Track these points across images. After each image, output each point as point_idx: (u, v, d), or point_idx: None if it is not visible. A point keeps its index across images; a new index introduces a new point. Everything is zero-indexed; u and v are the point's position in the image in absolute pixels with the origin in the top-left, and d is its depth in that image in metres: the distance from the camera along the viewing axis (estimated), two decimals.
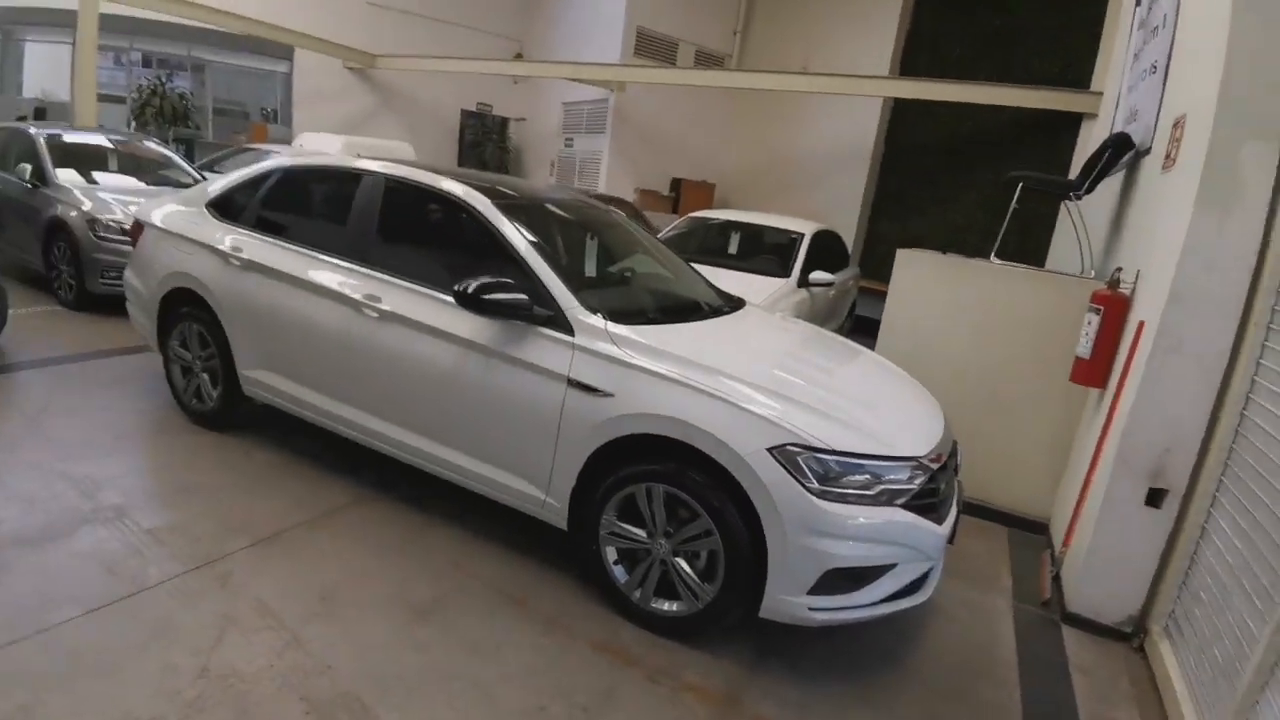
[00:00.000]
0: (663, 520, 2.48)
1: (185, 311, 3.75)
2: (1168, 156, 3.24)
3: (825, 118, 10.49)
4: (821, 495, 2.23)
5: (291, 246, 3.37)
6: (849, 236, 9.96)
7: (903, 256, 4.28)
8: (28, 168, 6.09)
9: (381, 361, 3.00)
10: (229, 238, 3.56)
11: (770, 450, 2.25)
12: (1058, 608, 3.14)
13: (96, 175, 6.55)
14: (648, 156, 11.81)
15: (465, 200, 2.97)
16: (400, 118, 13.58)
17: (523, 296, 2.61)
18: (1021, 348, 3.97)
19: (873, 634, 2.75)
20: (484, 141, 13.67)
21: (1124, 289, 3.35)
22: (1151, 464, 2.85)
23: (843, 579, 2.29)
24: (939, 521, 2.44)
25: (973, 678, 2.62)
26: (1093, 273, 4.34)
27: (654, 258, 3.82)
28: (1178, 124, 3.17)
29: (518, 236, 2.82)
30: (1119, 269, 3.42)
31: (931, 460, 2.47)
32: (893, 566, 2.34)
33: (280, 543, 2.87)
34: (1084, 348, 3.44)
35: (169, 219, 3.88)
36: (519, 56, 13.82)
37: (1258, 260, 2.61)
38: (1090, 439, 3.39)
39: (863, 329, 6.46)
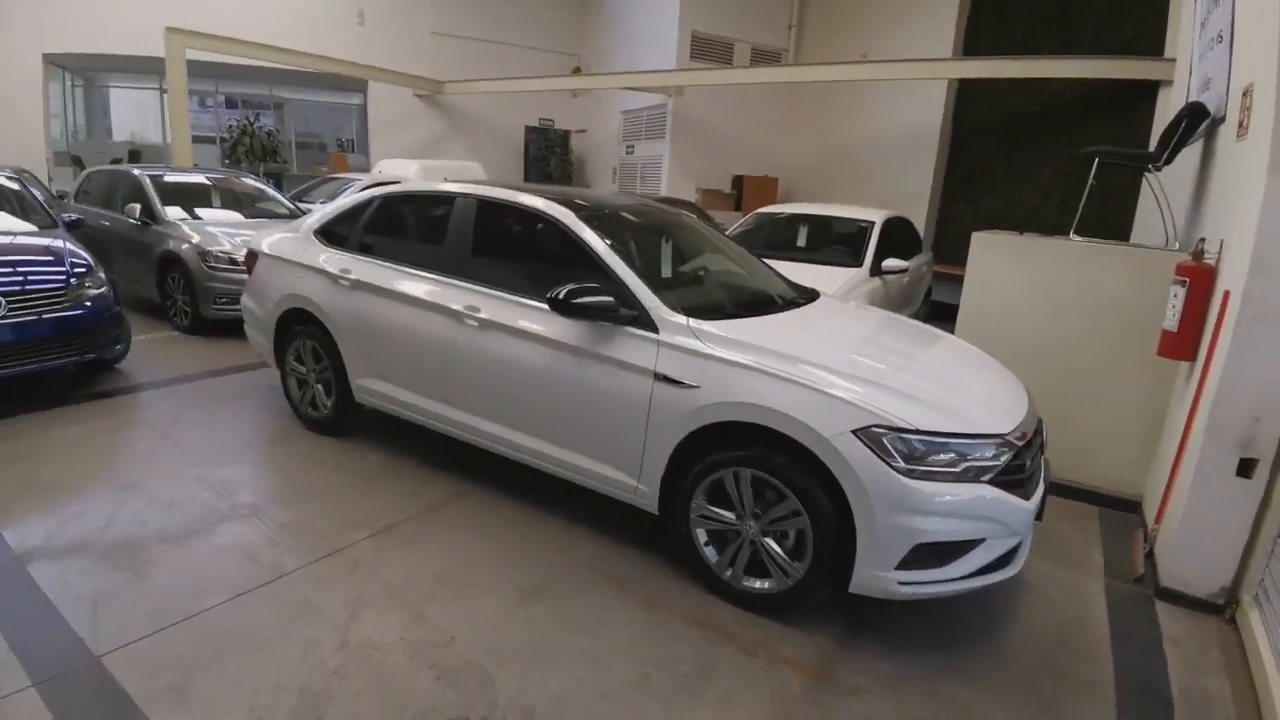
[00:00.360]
0: (750, 502, 2.62)
1: (299, 329, 4.13)
2: (1240, 125, 3.18)
3: (888, 105, 10.37)
4: (908, 474, 2.33)
5: (394, 266, 3.68)
6: (920, 222, 9.82)
7: (979, 239, 4.28)
8: (137, 206, 6.67)
9: (483, 365, 3.25)
10: (337, 260, 3.91)
11: (855, 432, 2.36)
12: (1151, 583, 3.11)
13: (200, 211, 7.14)
14: (708, 157, 11.92)
15: (550, 214, 3.20)
16: (468, 138, 14.17)
17: (609, 299, 2.81)
18: (1106, 324, 3.92)
19: (965, 611, 2.81)
20: (548, 155, 14.10)
21: (1209, 260, 3.29)
22: (1242, 434, 2.81)
23: (930, 554, 2.38)
24: (1026, 497, 2.49)
25: (1066, 653, 2.65)
26: (1176, 244, 4.23)
27: (725, 255, 3.97)
28: (1246, 93, 3.12)
29: (600, 244, 3.03)
30: (1202, 239, 3.36)
31: (1017, 438, 2.52)
32: (980, 541, 2.41)
33: (396, 533, 3.16)
34: (1171, 321, 3.39)
35: (281, 247, 4.27)
36: (577, 71, 14.20)
37: None
38: (1181, 413, 3.34)
39: (939, 314, 6.41)
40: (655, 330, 2.79)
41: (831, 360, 2.61)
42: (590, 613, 2.65)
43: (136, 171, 7.14)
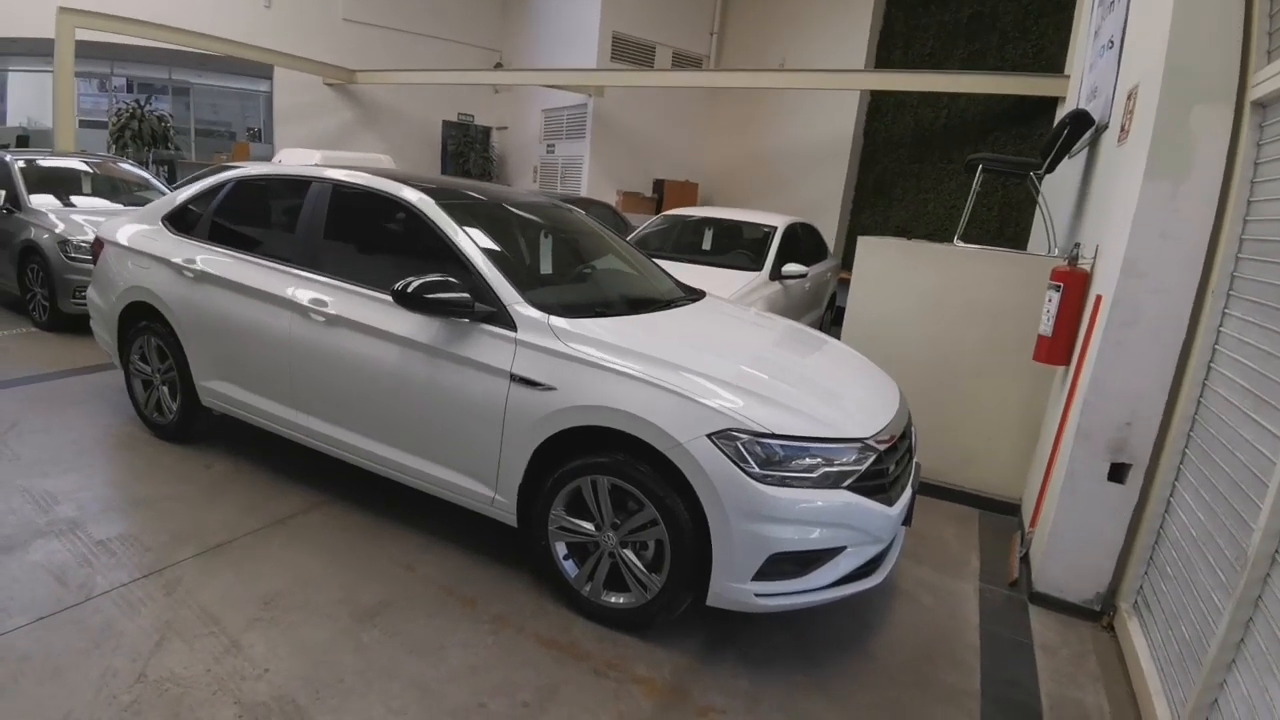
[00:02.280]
0: (609, 512, 2.44)
1: (143, 325, 3.74)
2: (1122, 129, 3.21)
3: (804, 115, 10.50)
4: (762, 479, 2.19)
5: (242, 256, 3.35)
6: (831, 230, 9.95)
7: (865, 244, 4.25)
8: (1, 193, 6.10)
9: (330, 366, 2.97)
10: (182, 250, 3.55)
11: (710, 436, 2.22)
12: (1025, 588, 3.09)
13: (74, 199, 6.60)
14: (629, 159, 11.82)
15: (408, 200, 2.95)
16: (382, 131, 13.60)
17: (463, 295, 2.58)
18: (987, 329, 3.94)
19: (832, 621, 2.71)
20: (467, 151, 13.69)
21: (1083, 265, 3.32)
22: (1113, 438, 2.81)
23: (789, 564, 2.25)
24: (890, 503, 2.39)
25: (933, 662, 2.57)
26: (1056, 251, 4.31)
27: (614, 254, 3.80)
28: (1131, 95, 3.14)
29: (459, 234, 2.80)
30: (1077, 245, 3.39)
31: (880, 441, 2.43)
32: (841, 549, 2.30)
33: (230, 550, 2.84)
34: (1046, 326, 3.40)
35: (125, 234, 3.87)
36: (498, 66, 13.86)
37: (1213, 227, 2.57)
38: (1056, 417, 3.35)
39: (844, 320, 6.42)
40: (514, 328, 2.58)
41: (694, 362, 2.46)
42: (431, 635, 2.41)
43: (7, 157, 6.54)
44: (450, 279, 2.59)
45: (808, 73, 9.31)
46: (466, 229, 2.84)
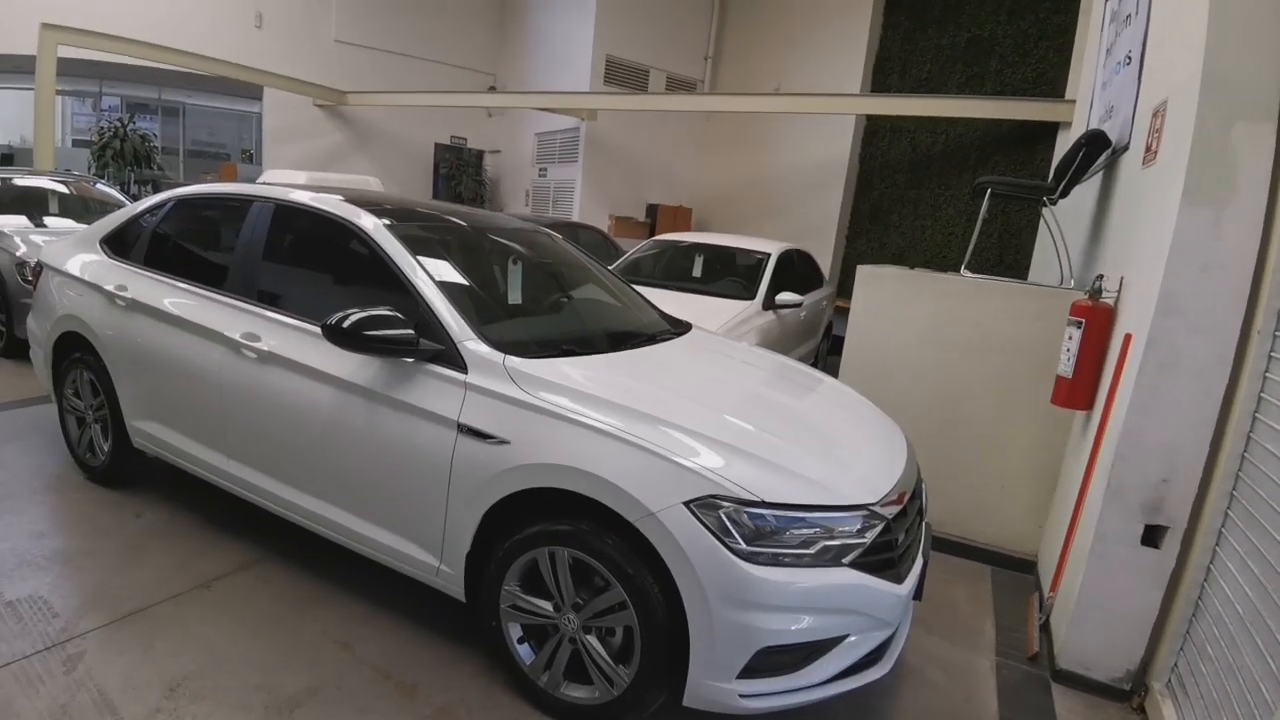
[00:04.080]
0: (570, 590, 2.08)
1: (76, 357, 3.40)
2: (1148, 150, 2.92)
3: (799, 140, 10.28)
4: (750, 558, 1.84)
5: (176, 283, 3.02)
6: (826, 257, 9.67)
7: (864, 273, 3.94)
8: None
9: (262, 409, 2.63)
10: (115, 276, 3.22)
11: (688, 504, 1.87)
12: (1047, 663, 2.74)
13: (45, 220, 6.35)
14: (622, 183, 11.58)
15: (352, 222, 2.62)
16: (374, 154, 13.37)
17: (406, 332, 2.23)
18: (998, 368, 3.61)
19: (832, 712, 2.33)
20: (459, 175, 13.46)
21: (1107, 299, 3.00)
22: (1147, 497, 2.47)
23: (781, 658, 1.90)
24: (899, 579, 2.04)
25: None
26: (1072, 282, 4.00)
27: (594, 282, 3.47)
28: (1157, 113, 2.85)
29: (407, 259, 2.46)
30: (1100, 276, 3.07)
31: (888, 505, 2.08)
32: (843, 638, 1.95)
33: (143, 620, 2.48)
34: (1065, 366, 3.08)
35: (63, 258, 3.54)
36: (492, 89, 13.68)
37: (1258, 258, 2.26)
38: (1078, 468, 3.01)
39: (840, 349, 6.11)
40: (464, 369, 2.24)
41: (672, 411, 2.11)
42: None
43: None
44: (392, 313, 2.25)
45: (803, 97, 9.08)
46: (417, 254, 2.50)
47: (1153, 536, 2.49)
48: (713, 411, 2.23)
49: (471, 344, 2.27)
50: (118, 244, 3.41)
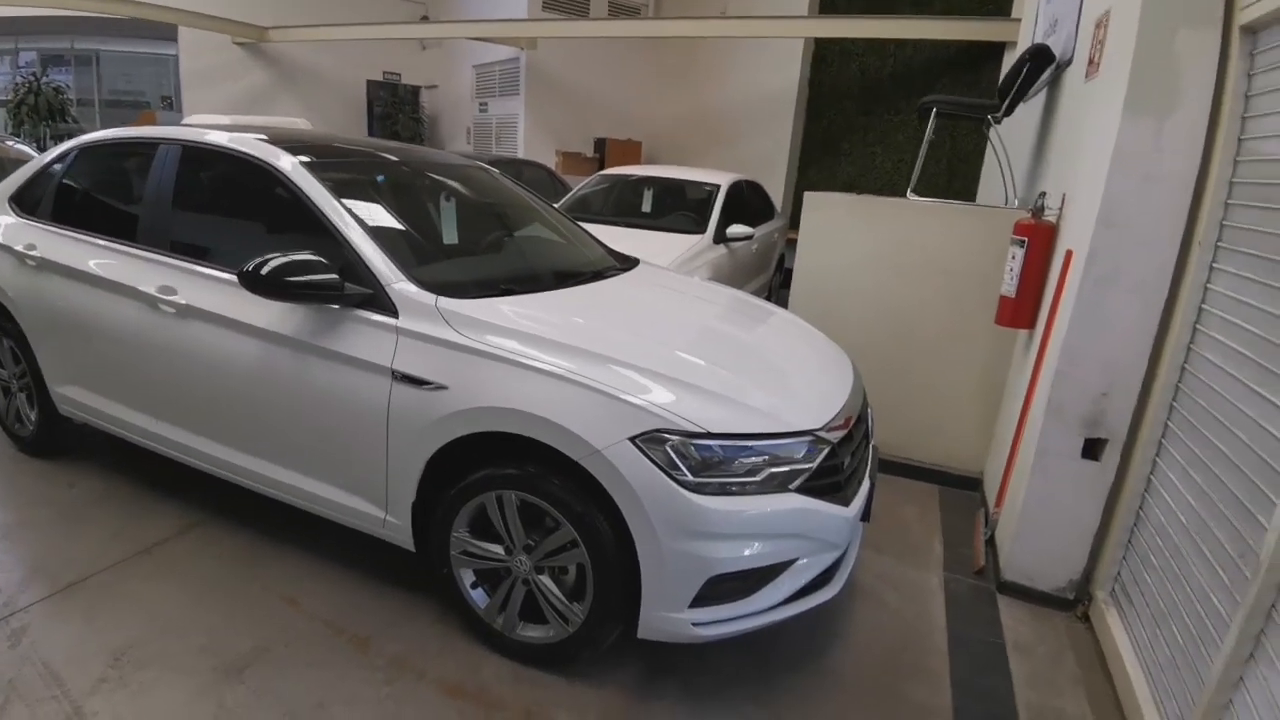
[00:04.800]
0: (520, 533, 2.05)
1: None
2: (1091, 62, 2.87)
3: (748, 67, 10.00)
4: (697, 489, 1.82)
5: (86, 238, 2.81)
6: (778, 187, 9.57)
7: (811, 199, 3.88)
8: None
9: (185, 365, 2.48)
10: (24, 235, 2.99)
11: (634, 439, 1.83)
12: (992, 576, 2.84)
13: None
14: (568, 117, 11.18)
15: (266, 161, 2.44)
16: (302, 94, 12.60)
17: (330, 277, 2.11)
18: (944, 290, 3.62)
19: (786, 633, 2.38)
20: (395, 112, 12.83)
21: (1049, 216, 3.01)
22: (1088, 411, 2.53)
23: (731, 584, 1.90)
24: (845, 502, 2.05)
25: (900, 674, 2.27)
26: (1016, 202, 4.01)
27: (537, 220, 3.34)
28: (1100, 23, 2.80)
29: (327, 199, 2.31)
30: (1043, 194, 3.07)
31: (833, 429, 2.08)
32: (793, 562, 1.96)
33: (84, 590, 2.38)
34: (1009, 285, 3.10)
35: None
36: (424, 20, 12.94)
37: (1200, 168, 2.25)
38: (1021, 386, 3.07)
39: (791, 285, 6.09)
40: (395, 314, 2.14)
41: (614, 347, 2.05)
42: (311, 689, 2.01)
43: None
44: (312, 256, 2.11)
45: (750, 20, 8.79)
46: (340, 194, 2.35)
47: (1093, 449, 2.55)
48: (655, 345, 2.17)
49: (401, 286, 2.15)
50: (25, 201, 3.14)
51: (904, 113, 8.78)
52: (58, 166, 3.10)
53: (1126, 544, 2.49)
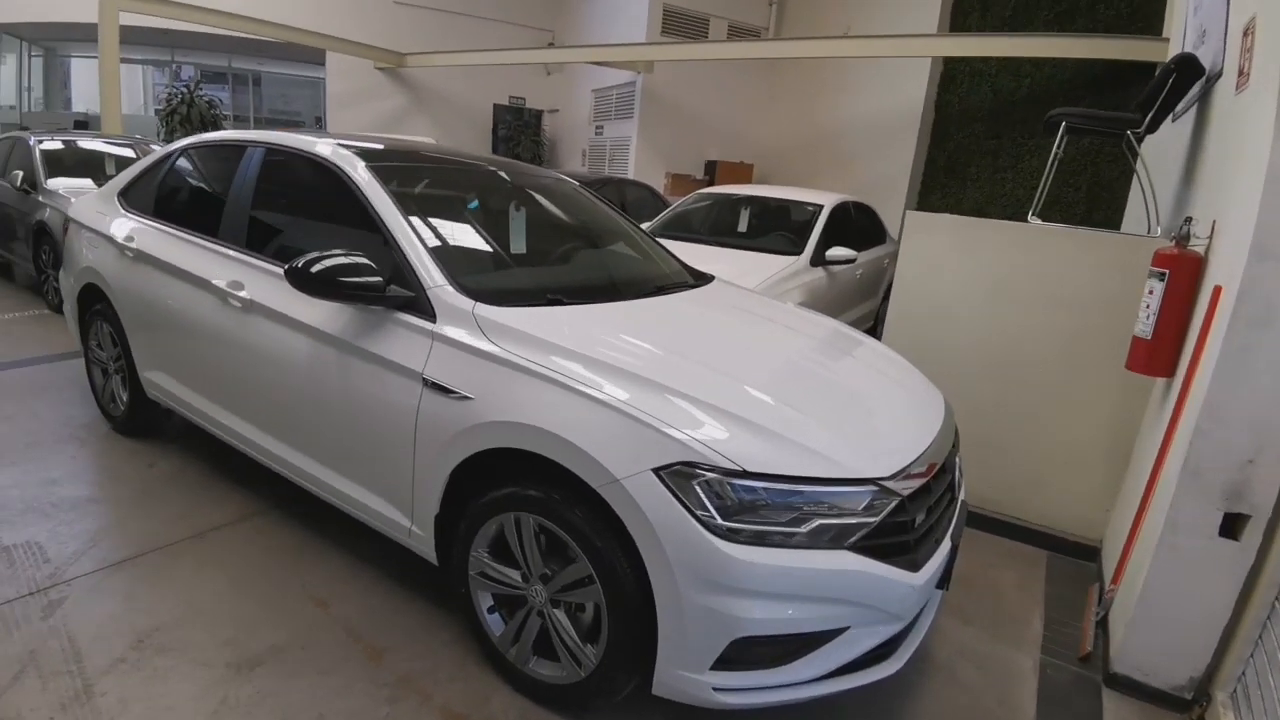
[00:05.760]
0: (537, 560, 1.90)
1: (97, 309, 3.43)
2: (1240, 73, 2.44)
3: (869, 88, 9.61)
4: (727, 534, 1.60)
5: (177, 232, 2.97)
6: (898, 211, 9.04)
7: (913, 220, 3.53)
8: (19, 174, 6.03)
9: (246, 359, 2.54)
10: (126, 227, 3.21)
11: (658, 471, 1.63)
12: (1100, 665, 2.39)
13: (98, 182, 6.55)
14: (679, 139, 11.17)
15: (332, 162, 2.46)
16: (433, 115, 13.38)
17: (373, 277, 2.06)
18: (1066, 327, 3.18)
19: (844, 703, 2.08)
20: (518, 135, 13.32)
21: (1196, 246, 2.55)
22: (1229, 480, 2.08)
23: (763, 650, 1.66)
24: (914, 566, 1.75)
25: None
26: (1159, 230, 3.48)
27: (612, 232, 3.22)
28: (1247, 31, 2.37)
29: (384, 201, 2.29)
30: (1188, 219, 2.61)
31: (909, 477, 1.79)
32: (841, 631, 1.69)
33: (131, 568, 2.46)
34: (1144, 325, 2.64)
35: (83, 211, 3.58)
36: (550, 47, 13.40)
37: None
38: (1153, 444, 2.60)
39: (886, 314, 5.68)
40: (433, 318, 2.06)
41: (655, 367, 1.87)
42: (314, 698, 1.93)
43: (31, 140, 6.45)
44: (356, 256, 2.08)
45: (875, 39, 8.41)
46: (396, 196, 2.32)
47: (1232, 526, 2.10)
48: (697, 365, 1.96)
49: (440, 290, 2.08)
50: (131, 196, 3.39)
51: (1037, 136, 8.10)
52: (163, 165, 3.32)
53: (1257, 640, 2.03)
